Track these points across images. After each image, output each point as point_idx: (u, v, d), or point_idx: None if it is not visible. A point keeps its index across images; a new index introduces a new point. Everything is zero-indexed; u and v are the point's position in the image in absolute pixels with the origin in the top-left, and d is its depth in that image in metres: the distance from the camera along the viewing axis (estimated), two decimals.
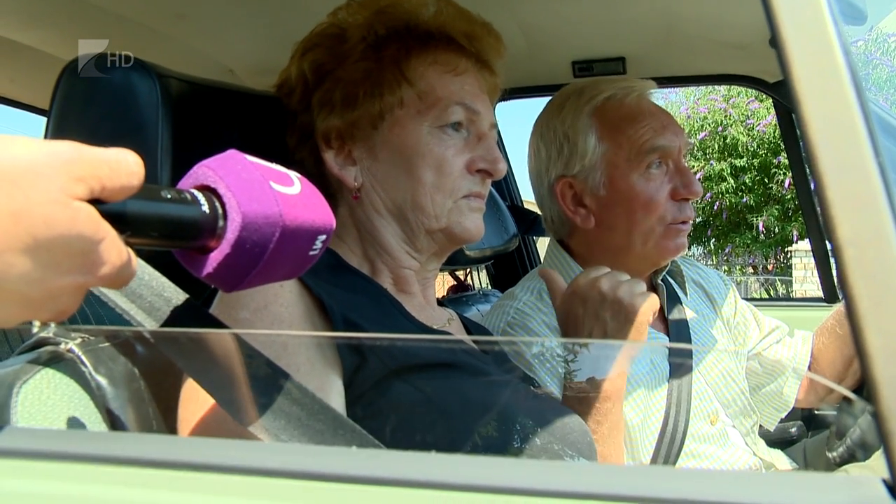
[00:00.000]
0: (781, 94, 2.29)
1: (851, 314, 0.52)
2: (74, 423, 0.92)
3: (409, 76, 1.19)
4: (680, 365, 1.56)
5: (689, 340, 1.66)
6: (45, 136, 1.12)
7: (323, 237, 0.75)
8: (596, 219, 1.63)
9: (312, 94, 1.22)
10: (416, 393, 1.01)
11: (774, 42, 0.55)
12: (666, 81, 2.39)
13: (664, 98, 14.04)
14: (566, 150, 1.64)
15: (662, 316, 1.67)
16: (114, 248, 0.61)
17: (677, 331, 1.65)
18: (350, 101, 1.19)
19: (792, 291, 12.22)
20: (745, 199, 12.86)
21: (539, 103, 1.83)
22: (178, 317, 0.80)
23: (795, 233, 12.27)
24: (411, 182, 1.17)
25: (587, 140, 1.61)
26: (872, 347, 0.51)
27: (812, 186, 0.55)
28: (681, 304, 1.71)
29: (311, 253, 0.75)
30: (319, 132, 1.22)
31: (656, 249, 1.60)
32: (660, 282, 1.69)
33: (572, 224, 1.66)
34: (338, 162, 1.21)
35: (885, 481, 0.51)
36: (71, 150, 0.58)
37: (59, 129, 1.10)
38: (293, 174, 0.76)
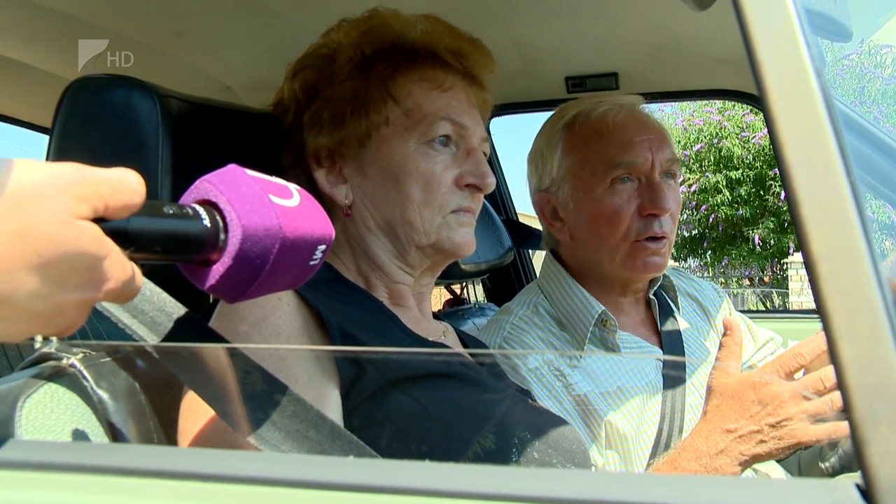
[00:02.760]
0: (766, 118, 2.32)
1: (826, 326, 0.54)
2: (77, 437, 0.94)
3: (394, 94, 1.22)
4: (673, 377, 1.57)
5: (682, 352, 1.67)
6: (48, 155, 1.14)
7: (323, 247, 0.77)
8: (570, 232, 1.66)
9: (303, 113, 1.25)
10: (413, 403, 1.03)
11: (750, 65, 0.57)
12: (658, 96, 2.42)
13: (660, 111, 14.10)
14: (539, 166, 1.70)
15: (655, 328, 1.69)
16: (118, 264, 0.63)
17: (670, 343, 1.67)
18: (338, 121, 1.21)
19: (788, 303, 12.24)
20: (740, 212, 12.89)
21: (533, 118, 1.86)
22: (179, 331, 0.82)
23: (791, 245, 12.30)
24: (399, 198, 1.19)
25: (554, 155, 1.66)
26: (846, 357, 0.53)
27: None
28: (674, 316, 1.73)
29: (312, 263, 0.77)
30: (310, 151, 1.24)
31: (625, 267, 1.59)
32: (652, 296, 1.71)
33: (556, 237, 1.70)
34: (329, 180, 1.23)
35: (857, 486, 0.53)
36: (74, 171, 0.61)
37: (61, 148, 1.12)
38: (292, 186, 0.78)
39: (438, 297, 3.28)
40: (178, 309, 0.84)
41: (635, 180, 1.59)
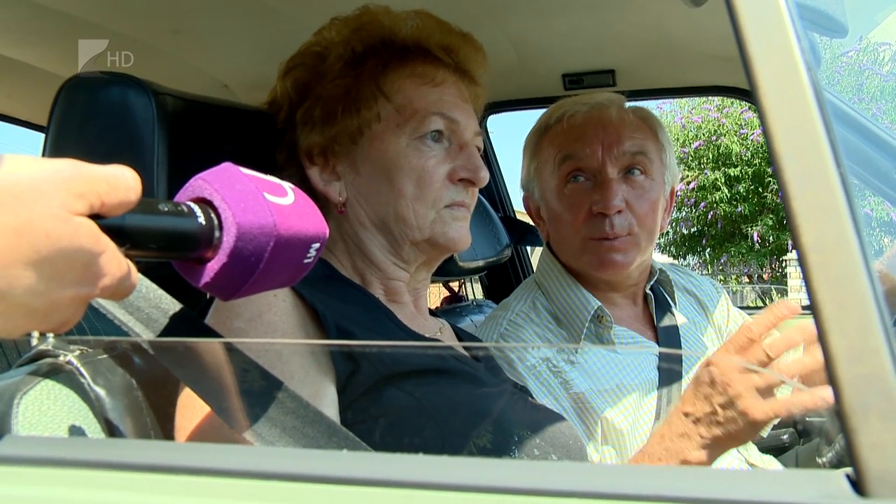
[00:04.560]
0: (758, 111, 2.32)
1: (816, 317, 0.54)
2: (74, 433, 0.94)
3: (385, 91, 1.22)
4: (669, 371, 1.58)
5: (679, 348, 1.67)
6: (44, 153, 1.14)
7: (317, 245, 0.78)
8: (548, 231, 1.72)
9: (296, 111, 1.25)
10: (407, 398, 1.03)
11: (742, 58, 0.58)
12: (656, 93, 2.43)
13: (658, 108, 14.12)
14: (522, 169, 1.77)
15: (652, 324, 1.69)
16: (114, 261, 0.63)
17: (667, 338, 1.67)
18: (329, 118, 1.22)
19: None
20: (739, 209, 12.90)
21: (531, 116, 1.88)
22: (175, 327, 0.83)
23: (790, 242, 12.30)
24: (393, 194, 1.19)
25: (525, 158, 1.74)
26: (836, 349, 0.53)
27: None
28: (671, 312, 1.73)
29: (306, 261, 0.78)
30: (302, 149, 1.24)
31: (586, 265, 1.61)
32: (648, 291, 1.71)
33: (542, 235, 1.76)
34: (323, 178, 1.24)
35: (848, 476, 0.53)
36: (71, 168, 0.61)
37: (56, 146, 1.12)
38: (286, 185, 0.78)
39: (438, 296, 3.28)
40: (173, 306, 0.84)
41: (591, 178, 1.60)
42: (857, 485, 0.53)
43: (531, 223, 2.52)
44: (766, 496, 0.53)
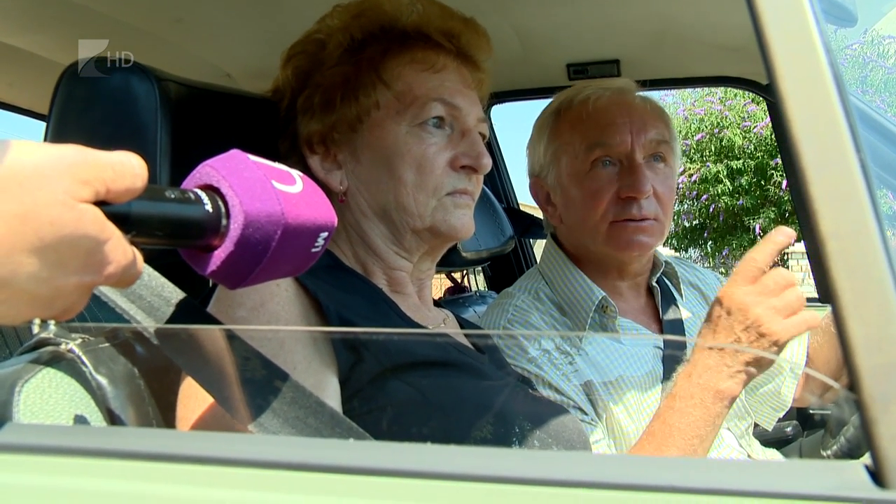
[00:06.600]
0: (774, 96, 2.31)
1: (835, 305, 0.53)
2: (76, 422, 0.93)
3: (385, 78, 1.21)
4: (674, 364, 1.57)
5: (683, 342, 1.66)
6: (45, 140, 1.13)
7: (325, 234, 0.77)
8: (560, 216, 1.69)
9: (296, 100, 1.24)
10: (411, 390, 1.02)
11: (759, 43, 0.57)
12: (660, 83, 2.41)
13: (661, 100, 14.05)
14: (531, 153, 1.74)
15: (657, 317, 1.68)
16: (119, 248, 0.62)
17: (672, 332, 1.66)
18: (328, 106, 1.21)
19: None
20: (741, 202, 12.88)
21: (535, 106, 1.86)
22: (178, 316, 0.82)
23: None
24: (393, 182, 1.18)
25: (542, 141, 1.70)
26: (855, 337, 0.52)
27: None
28: (676, 305, 1.72)
29: (314, 250, 0.77)
30: (302, 137, 1.23)
31: (609, 246, 1.60)
32: (655, 283, 1.71)
33: (550, 222, 1.74)
34: (324, 167, 1.22)
35: (867, 467, 0.52)
36: (76, 154, 0.60)
37: (58, 133, 1.11)
38: (295, 172, 0.77)
39: (439, 287, 3.28)
40: (176, 294, 0.83)
41: (616, 164, 1.60)
42: (877, 476, 0.52)
43: (535, 215, 2.51)
44: (784, 487, 0.52)
